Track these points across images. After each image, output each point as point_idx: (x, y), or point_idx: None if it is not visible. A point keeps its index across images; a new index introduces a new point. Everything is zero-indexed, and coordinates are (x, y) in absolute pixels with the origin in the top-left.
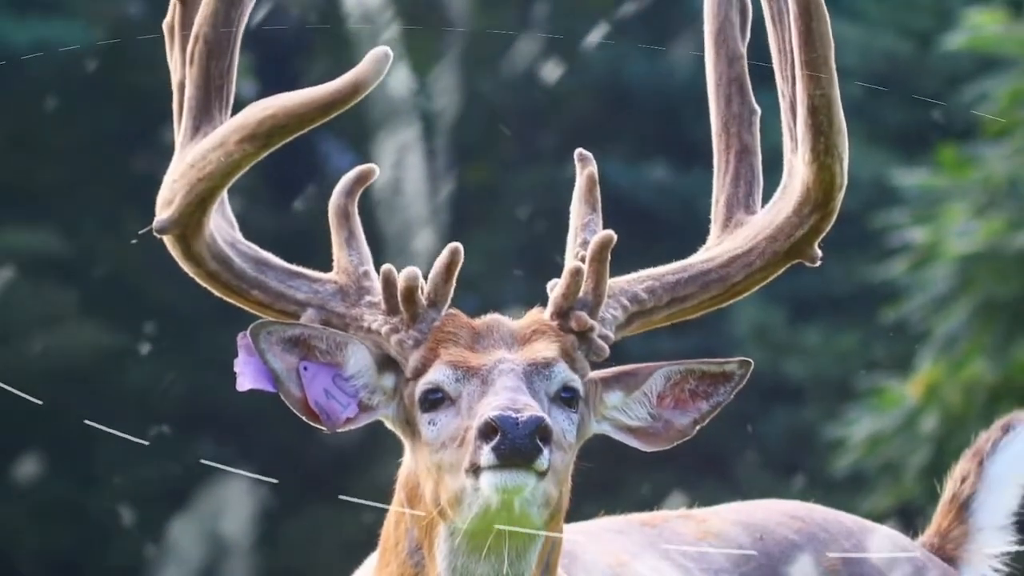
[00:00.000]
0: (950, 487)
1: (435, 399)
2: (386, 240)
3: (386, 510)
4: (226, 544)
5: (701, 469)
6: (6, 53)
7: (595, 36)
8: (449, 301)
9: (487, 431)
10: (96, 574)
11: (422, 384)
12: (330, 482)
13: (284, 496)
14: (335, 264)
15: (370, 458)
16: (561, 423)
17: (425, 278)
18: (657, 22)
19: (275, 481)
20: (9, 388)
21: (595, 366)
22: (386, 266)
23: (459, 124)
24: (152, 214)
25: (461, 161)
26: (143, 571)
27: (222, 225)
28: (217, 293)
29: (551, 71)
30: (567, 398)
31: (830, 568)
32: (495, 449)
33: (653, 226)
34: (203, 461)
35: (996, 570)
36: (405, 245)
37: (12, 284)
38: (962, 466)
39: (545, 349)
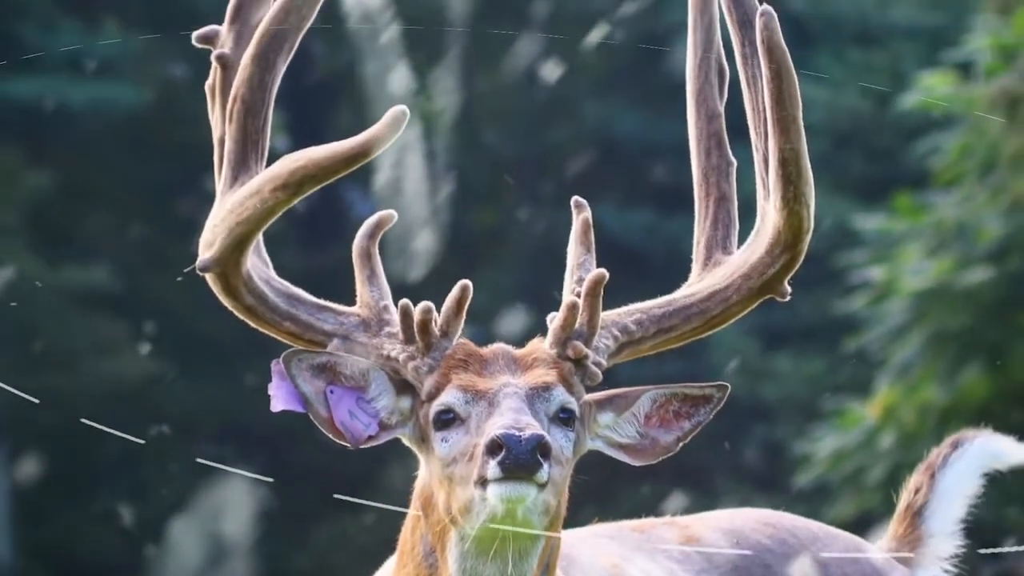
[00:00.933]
0: (905, 497)
1: (447, 419)
2: (386, 241)
3: (398, 516)
4: (226, 544)
5: (684, 481)
6: (64, 111)
7: (595, 36)
8: (460, 331)
9: (493, 447)
10: (96, 574)
11: (436, 406)
12: (352, 492)
13: (309, 504)
14: (358, 299)
15: (383, 470)
16: (559, 440)
17: (438, 311)
18: (646, 79)
19: (312, 490)
20: (13, 394)
21: (589, 389)
22: (404, 301)
23: (467, 173)
24: (195, 254)
25: (469, 206)
26: (143, 571)
27: (258, 264)
28: (253, 324)
29: (551, 71)
30: (564, 418)
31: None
32: (500, 463)
33: (641, 265)
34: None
35: (946, 571)
36: (405, 245)
37: (67, 313)
38: (916, 479)
39: (545, 374)
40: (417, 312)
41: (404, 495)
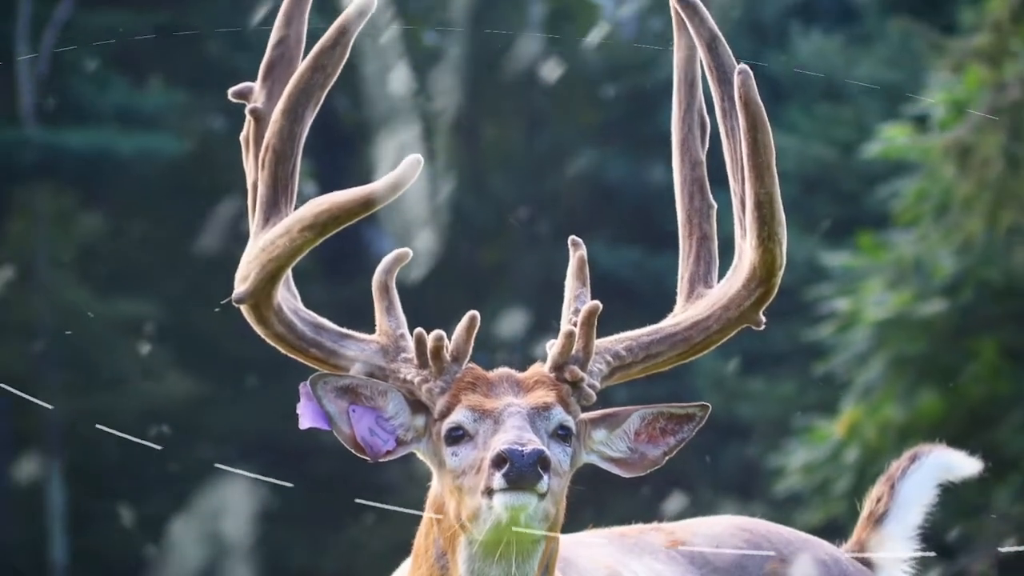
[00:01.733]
0: (868, 505)
1: (457, 435)
2: (386, 240)
3: (403, 520)
4: (226, 544)
5: (670, 491)
6: (114, 159)
7: (594, 36)
8: (468, 357)
9: (499, 461)
10: (97, 574)
11: (447, 424)
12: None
13: (335, 512)
14: (377, 327)
15: (403, 482)
16: (558, 455)
17: (449, 338)
18: (636, 131)
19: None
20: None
21: (584, 409)
22: (418, 330)
23: (474, 215)
24: (231, 288)
25: (477, 244)
26: (143, 571)
27: (287, 296)
28: (282, 351)
29: (551, 70)
30: (562, 435)
31: (772, 571)
32: (505, 475)
33: (631, 298)
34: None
35: (904, 572)
36: (405, 246)
37: (115, 340)
38: (877, 489)
39: (545, 395)
40: (430, 340)
41: (402, 496)
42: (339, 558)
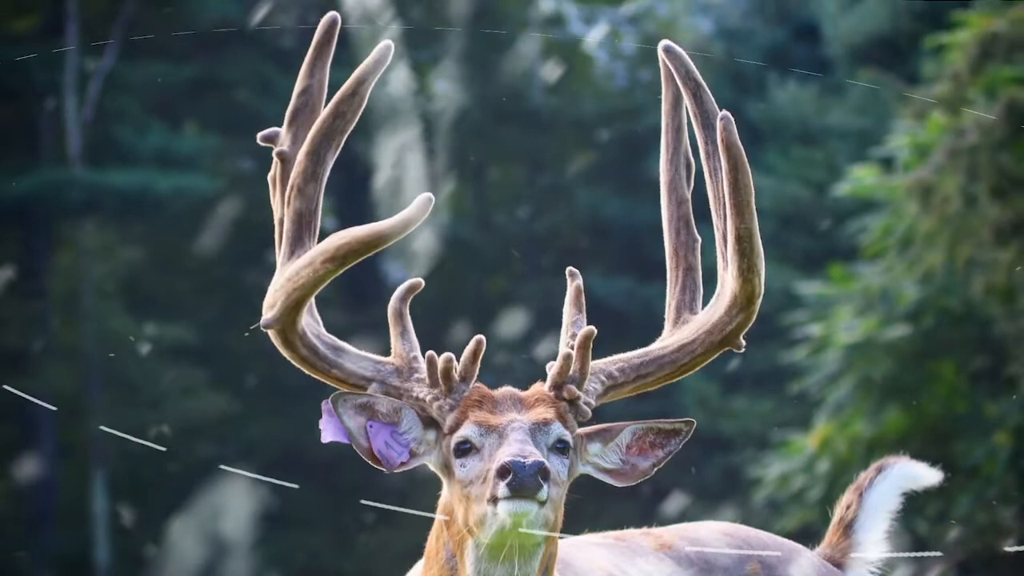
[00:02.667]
0: (838, 512)
1: (465, 448)
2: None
3: (407, 524)
4: (226, 544)
5: (659, 499)
6: (152, 197)
7: (595, 35)
8: (476, 377)
9: (503, 472)
10: (99, 574)
11: (456, 438)
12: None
13: (360, 517)
14: (392, 350)
15: (420, 490)
16: (556, 466)
17: (458, 360)
18: (627, 172)
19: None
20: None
21: (580, 424)
22: (430, 352)
23: (482, 249)
24: (260, 314)
25: (484, 275)
26: (143, 571)
27: (310, 322)
28: (306, 371)
29: (551, 71)
30: (561, 448)
31: (752, 572)
32: (508, 485)
33: (623, 323)
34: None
35: (871, 572)
36: (406, 246)
37: (153, 362)
38: (847, 497)
39: (545, 412)
40: (440, 361)
41: (406, 501)
42: (339, 558)
